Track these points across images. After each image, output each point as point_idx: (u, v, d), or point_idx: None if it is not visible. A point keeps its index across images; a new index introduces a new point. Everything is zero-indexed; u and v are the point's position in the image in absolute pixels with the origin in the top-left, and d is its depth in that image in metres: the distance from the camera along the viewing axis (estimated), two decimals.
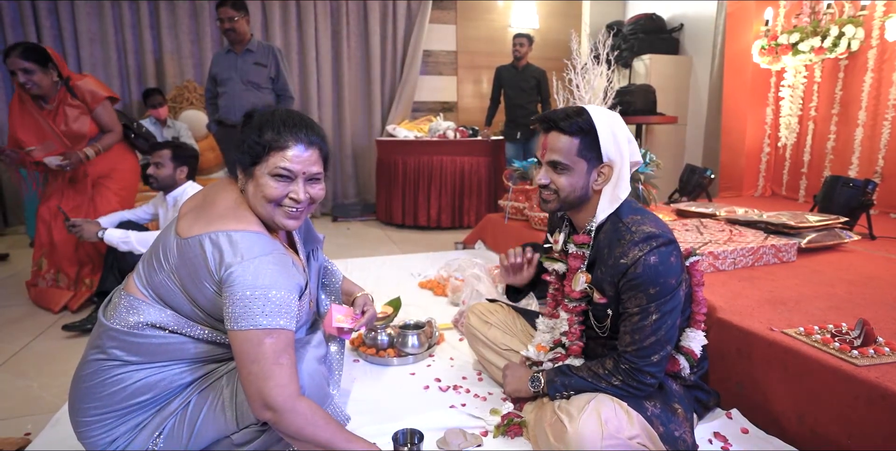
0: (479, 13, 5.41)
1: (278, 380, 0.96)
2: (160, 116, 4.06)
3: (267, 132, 1.05)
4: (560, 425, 1.16)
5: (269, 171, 1.05)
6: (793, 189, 3.99)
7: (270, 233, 1.10)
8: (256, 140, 1.05)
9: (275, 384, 0.96)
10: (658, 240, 1.19)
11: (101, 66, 4.42)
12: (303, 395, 1.01)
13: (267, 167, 1.06)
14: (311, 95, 4.95)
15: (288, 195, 1.07)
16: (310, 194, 1.10)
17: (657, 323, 1.20)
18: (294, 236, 1.26)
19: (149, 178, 2.25)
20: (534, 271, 1.52)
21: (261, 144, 1.05)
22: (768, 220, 2.34)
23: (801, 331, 1.40)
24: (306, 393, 1.07)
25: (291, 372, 0.99)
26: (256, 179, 1.07)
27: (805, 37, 3.53)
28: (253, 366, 0.97)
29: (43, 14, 4.21)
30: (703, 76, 4.69)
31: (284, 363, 0.98)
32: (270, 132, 1.05)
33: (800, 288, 1.78)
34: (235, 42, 3.11)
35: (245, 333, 0.97)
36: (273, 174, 1.05)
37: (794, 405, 1.30)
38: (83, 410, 1.06)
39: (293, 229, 1.13)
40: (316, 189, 1.11)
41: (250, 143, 1.06)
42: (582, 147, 1.24)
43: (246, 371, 0.97)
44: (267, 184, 1.05)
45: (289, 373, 0.98)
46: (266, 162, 1.06)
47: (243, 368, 0.98)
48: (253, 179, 1.07)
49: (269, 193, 1.05)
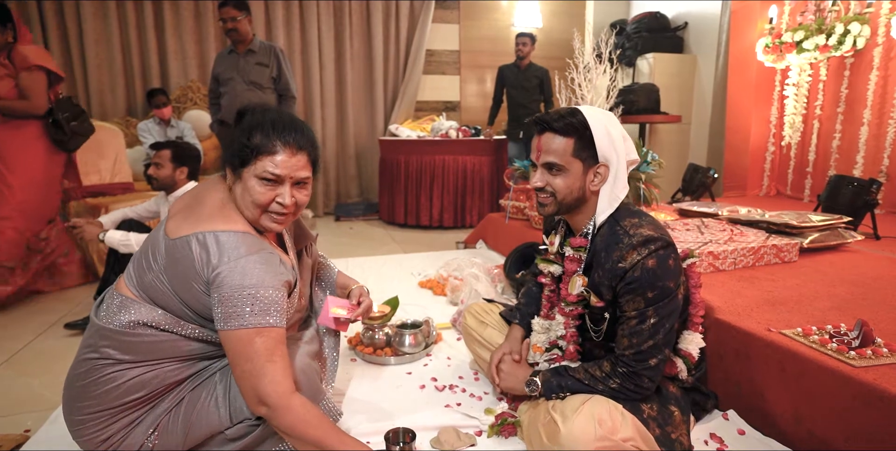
0: (483, 12, 5.41)
1: (272, 377, 0.97)
2: (164, 116, 4.08)
3: (256, 135, 1.06)
4: (553, 425, 1.15)
5: (256, 174, 1.06)
6: (798, 189, 3.95)
7: (257, 232, 1.10)
8: (245, 143, 1.05)
9: (269, 381, 0.97)
10: (656, 243, 1.18)
11: (105, 67, 4.45)
12: (297, 392, 1.02)
13: (255, 170, 1.06)
14: (315, 95, 4.96)
15: (275, 199, 1.07)
16: (296, 199, 1.10)
17: (655, 327, 1.19)
18: (283, 233, 1.26)
19: (149, 178, 2.26)
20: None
21: (249, 147, 1.05)
22: (770, 219, 2.32)
23: (800, 332, 1.38)
24: (300, 389, 1.08)
25: (285, 368, 1.00)
26: (244, 181, 1.07)
27: (810, 35, 3.50)
28: (246, 364, 0.98)
29: (49, 14, 4.25)
30: (707, 75, 4.66)
31: (277, 361, 0.99)
32: (260, 135, 1.06)
33: (800, 288, 1.76)
34: (238, 42, 3.12)
35: (235, 332, 0.98)
36: (260, 177, 1.06)
37: (792, 406, 1.29)
38: (77, 408, 1.07)
39: (278, 232, 1.13)
40: (302, 194, 1.11)
41: (239, 145, 1.06)
42: (577, 147, 1.23)
43: (239, 370, 0.99)
44: (254, 187, 1.06)
45: (282, 369, 0.99)
46: (254, 165, 1.06)
47: (236, 366, 0.99)
48: (241, 181, 1.08)
49: (256, 197, 1.06)
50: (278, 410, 0.98)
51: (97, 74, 4.43)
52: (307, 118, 4.96)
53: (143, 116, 4.44)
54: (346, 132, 5.15)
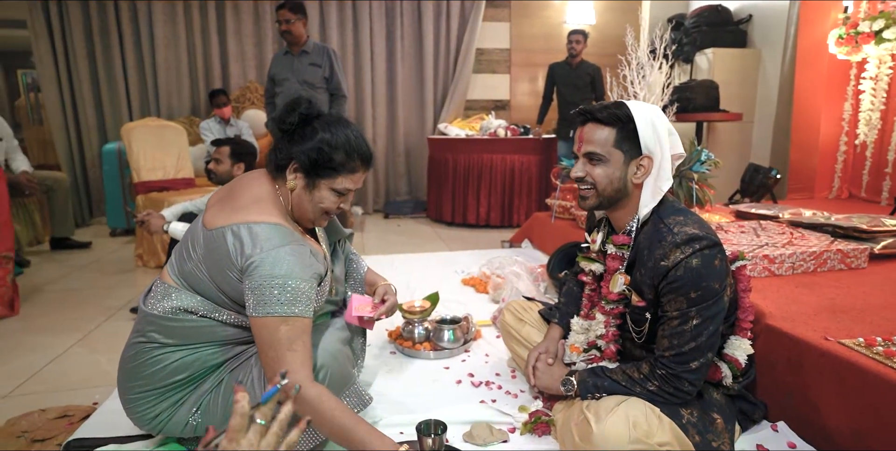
0: (534, 10, 5.34)
1: (289, 366, 1.01)
2: (224, 116, 4.29)
3: (340, 154, 1.14)
4: (586, 424, 1.13)
5: (333, 187, 1.15)
6: (874, 191, 3.66)
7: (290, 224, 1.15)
8: (327, 160, 1.13)
9: (287, 370, 1.00)
10: (701, 242, 1.14)
11: (173, 69, 4.73)
12: (316, 382, 1.05)
13: (332, 184, 1.16)
14: (366, 94, 5.07)
15: (338, 206, 1.19)
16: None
17: (698, 328, 1.15)
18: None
19: (209, 173, 2.39)
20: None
21: (332, 166, 1.14)
22: (836, 223, 2.17)
23: (862, 342, 1.29)
24: (329, 372, 1.11)
25: (304, 359, 1.03)
26: (318, 189, 1.16)
27: (891, 23, 3.24)
28: (270, 351, 1.02)
29: (125, 22, 4.56)
30: (772, 70, 4.40)
31: (297, 350, 1.02)
32: (344, 155, 1.14)
33: (867, 297, 1.64)
34: (292, 43, 3.24)
35: (263, 319, 1.02)
36: (336, 190, 1.15)
37: (850, 420, 1.20)
38: (129, 388, 1.15)
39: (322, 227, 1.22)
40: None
41: (321, 161, 1.13)
42: (619, 138, 1.20)
43: (264, 355, 1.04)
44: (328, 197, 1.16)
45: (301, 359, 1.03)
46: (334, 179, 1.15)
47: (262, 352, 1.04)
48: (314, 188, 1.16)
49: (328, 206, 1.17)
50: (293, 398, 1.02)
51: (165, 76, 4.71)
52: (358, 117, 5.08)
53: (205, 116, 4.69)
54: (395, 131, 5.23)
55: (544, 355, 1.45)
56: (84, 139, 4.68)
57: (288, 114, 1.15)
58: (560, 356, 1.45)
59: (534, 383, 1.42)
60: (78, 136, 4.67)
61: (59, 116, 4.58)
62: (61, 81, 4.54)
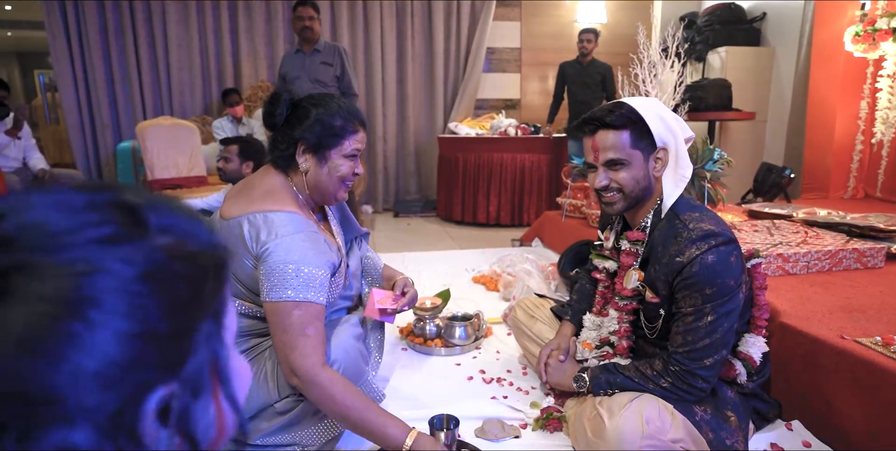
0: (545, 9, 5.33)
1: (302, 350, 1.02)
2: (236, 115, 4.33)
3: (337, 120, 1.16)
4: (599, 420, 1.13)
5: (344, 153, 1.17)
6: (890, 191, 3.61)
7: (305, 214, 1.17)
8: (329, 129, 1.16)
9: (299, 354, 1.02)
10: (717, 238, 1.14)
11: (186, 69, 4.77)
12: (328, 366, 1.06)
13: (342, 150, 1.18)
14: (376, 93, 5.08)
15: (354, 171, 1.22)
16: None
17: (712, 325, 1.14)
18: (329, 219, 1.33)
19: (220, 171, 2.42)
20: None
21: (335, 132, 1.16)
22: (852, 222, 2.15)
23: (878, 341, 1.27)
24: (342, 367, 1.13)
25: (316, 344, 1.05)
26: (331, 161, 1.18)
27: None
28: (283, 335, 1.04)
29: (139, 22, 4.62)
30: (786, 69, 4.36)
31: (310, 335, 1.04)
32: (340, 120, 1.16)
33: (884, 296, 1.62)
34: (309, 41, 3.26)
35: (276, 304, 1.04)
36: (348, 155, 1.17)
37: (866, 420, 1.19)
38: None
39: (344, 201, 1.27)
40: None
41: (325, 132, 1.16)
42: (634, 138, 1.20)
43: (277, 340, 1.05)
44: (343, 164, 1.19)
45: (313, 344, 1.04)
46: (341, 145, 1.17)
47: (275, 336, 1.06)
48: (326, 163, 1.18)
49: (345, 172, 1.19)
50: (305, 383, 1.04)
51: (178, 76, 4.76)
52: (369, 116, 5.09)
53: (217, 115, 4.73)
54: (406, 130, 5.24)
55: (556, 351, 1.45)
56: (99, 138, 4.74)
57: (273, 108, 1.18)
58: (572, 353, 1.45)
59: (545, 379, 1.42)
60: (93, 134, 4.73)
61: (75, 115, 4.65)
62: (77, 80, 4.60)
